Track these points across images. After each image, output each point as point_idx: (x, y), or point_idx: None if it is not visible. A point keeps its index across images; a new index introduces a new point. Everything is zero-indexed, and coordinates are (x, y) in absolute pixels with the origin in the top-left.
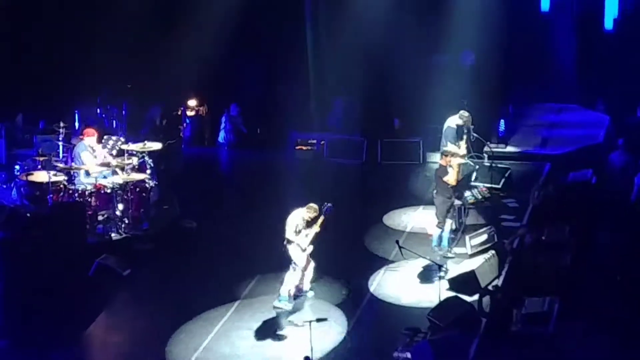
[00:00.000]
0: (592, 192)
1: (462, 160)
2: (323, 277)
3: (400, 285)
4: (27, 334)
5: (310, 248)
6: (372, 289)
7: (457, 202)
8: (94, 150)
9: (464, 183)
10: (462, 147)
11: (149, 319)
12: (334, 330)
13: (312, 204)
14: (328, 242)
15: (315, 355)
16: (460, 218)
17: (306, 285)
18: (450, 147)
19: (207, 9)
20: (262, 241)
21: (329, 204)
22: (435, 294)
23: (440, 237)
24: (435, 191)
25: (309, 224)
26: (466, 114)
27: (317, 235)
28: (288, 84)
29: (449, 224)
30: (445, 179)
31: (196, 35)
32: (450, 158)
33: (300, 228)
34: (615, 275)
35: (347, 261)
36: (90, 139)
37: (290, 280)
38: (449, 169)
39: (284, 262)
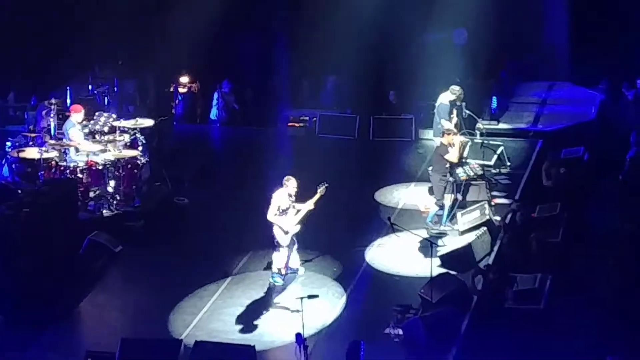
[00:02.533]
0: (584, 168)
1: (464, 138)
2: (315, 253)
3: (392, 261)
4: (18, 310)
5: (297, 228)
6: (365, 263)
7: (452, 179)
8: (84, 127)
9: (461, 161)
10: (452, 122)
11: (141, 295)
12: (325, 306)
13: (289, 177)
14: (320, 218)
15: (307, 331)
16: (455, 195)
17: (295, 263)
18: (444, 123)
19: None
20: (253, 218)
21: (326, 184)
22: (426, 270)
23: (437, 214)
24: (431, 168)
25: (294, 199)
26: (457, 88)
27: (308, 213)
28: (280, 60)
29: (449, 199)
30: (446, 157)
31: (188, 11)
32: (453, 136)
33: (284, 207)
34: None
35: (339, 238)
36: (77, 115)
37: (277, 259)
38: (450, 148)
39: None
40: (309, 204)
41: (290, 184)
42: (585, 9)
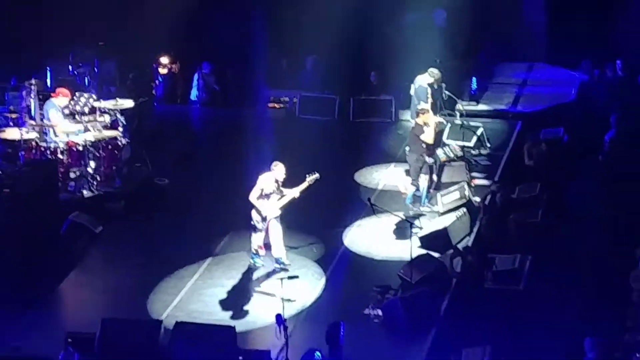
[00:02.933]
0: (564, 149)
1: (440, 119)
2: (296, 234)
3: (372, 242)
4: None
5: (276, 213)
6: (344, 245)
7: (430, 160)
8: (66, 113)
9: (438, 141)
10: (429, 105)
11: (121, 276)
12: (305, 287)
13: (277, 162)
14: (300, 199)
15: (287, 312)
16: (433, 176)
17: (278, 252)
18: (423, 105)
19: None
20: (234, 199)
21: (316, 174)
22: (406, 251)
23: (415, 195)
24: (408, 149)
25: (280, 185)
26: (436, 71)
27: (293, 200)
28: (260, 41)
29: (424, 180)
30: (422, 137)
31: None
32: (428, 116)
33: (268, 191)
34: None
35: (319, 218)
36: (62, 99)
37: (254, 239)
38: (426, 128)
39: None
40: (294, 192)
41: (278, 170)
42: None
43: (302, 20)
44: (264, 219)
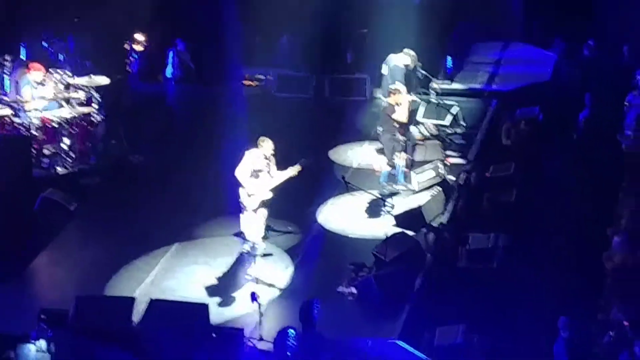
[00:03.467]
0: (539, 128)
1: (412, 97)
2: (271, 212)
3: (347, 219)
4: None
5: (267, 195)
6: (318, 222)
7: (402, 138)
8: (39, 85)
9: (411, 119)
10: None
11: (95, 253)
12: (280, 265)
13: (264, 137)
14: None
15: (261, 290)
16: (408, 154)
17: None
18: (398, 85)
19: None
20: (209, 177)
21: (309, 161)
22: (381, 229)
23: (390, 174)
24: (380, 129)
25: (270, 162)
26: (412, 51)
27: (283, 183)
28: (235, 18)
29: (401, 159)
30: (394, 116)
31: None
32: (399, 95)
33: (257, 169)
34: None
35: (292, 197)
36: (36, 73)
37: (242, 222)
38: (397, 107)
39: (232, 200)
40: (287, 173)
41: (266, 145)
42: None
43: None
44: (250, 195)
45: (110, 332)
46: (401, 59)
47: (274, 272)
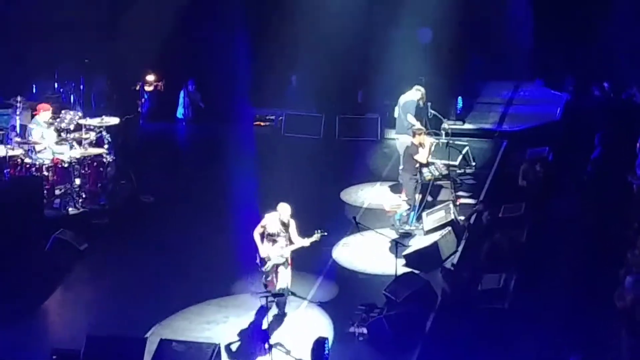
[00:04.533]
0: (549, 168)
1: (435, 140)
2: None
3: (357, 260)
4: None
5: (279, 260)
6: (329, 264)
7: (418, 178)
8: (49, 125)
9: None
10: (414, 122)
11: (106, 293)
12: (291, 304)
13: (282, 203)
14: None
15: (271, 328)
16: (423, 194)
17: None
18: (411, 119)
19: None
20: (220, 216)
21: (324, 233)
22: (391, 269)
23: (404, 214)
24: (401, 167)
25: (286, 228)
26: (421, 88)
27: (298, 250)
28: (245, 59)
29: (418, 199)
30: (416, 157)
31: (154, 9)
32: (425, 136)
33: (272, 232)
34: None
35: (305, 236)
36: (45, 114)
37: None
38: (420, 148)
39: (239, 239)
40: (302, 242)
41: (282, 210)
42: (549, 7)
43: (288, 39)
44: (262, 261)
45: None
46: (412, 95)
47: (286, 309)
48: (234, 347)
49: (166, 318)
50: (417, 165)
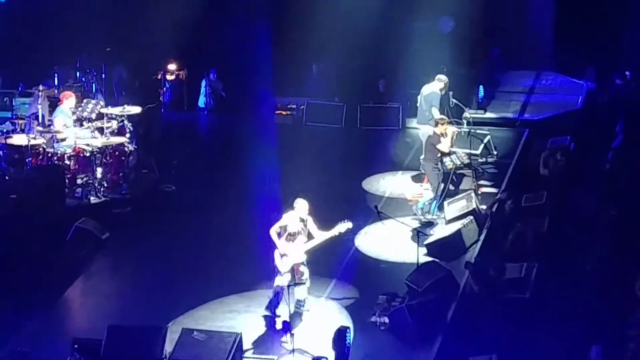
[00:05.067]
0: (570, 157)
1: (457, 129)
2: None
3: (379, 249)
4: (4, 297)
5: (300, 258)
6: (350, 252)
7: (440, 167)
8: (73, 113)
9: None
10: (437, 115)
11: (127, 282)
12: (314, 293)
13: (299, 199)
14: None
15: (293, 318)
16: (445, 184)
17: (301, 295)
18: (434, 112)
19: None
20: (242, 205)
21: (349, 224)
22: (413, 258)
23: (427, 203)
24: (423, 157)
25: (305, 225)
26: (443, 77)
27: (320, 244)
28: (267, 47)
29: (440, 188)
30: (438, 146)
31: None
32: (447, 126)
33: (292, 231)
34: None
35: (325, 226)
36: (68, 102)
37: (278, 282)
38: (442, 138)
39: (261, 229)
40: (324, 236)
41: (300, 207)
42: None
43: (309, 28)
44: (283, 257)
45: None
46: (435, 85)
47: (307, 299)
48: (255, 336)
49: (187, 307)
50: (439, 154)
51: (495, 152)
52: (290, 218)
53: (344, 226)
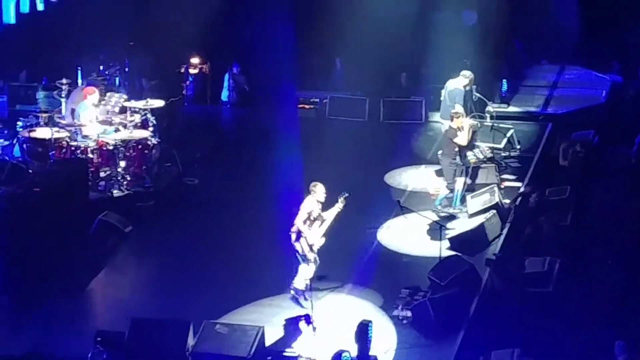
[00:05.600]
0: (592, 150)
1: (473, 122)
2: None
3: (401, 243)
4: (28, 290)
5: (322, 241)
6: (373, 246)
7: (459, 162)
8: (97, 107)
9: (470, 144)
10: (461, 112)
11: (151, 275)
12: (334, 287)
13: (315, 182)
14: (330, 201)
15: (315, 312)
16: (465, 178)
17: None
18: (459, 109)
19: None
20: (264, 199)
21: (346, 194)
22: (435, 252)
23: (447, 197)
24: (440, 152)
25: (320, 208)
26: (468, 73)
27: (330, 226)
28: (291, 42)
29: (460, 182)
30: (455, 140)
31: None
32: (462, 119)
33: (315, 216)
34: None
35: (348, 220)
36: (92, 96)
37: (304, 273)
38: (459, 132)
39: (283, 222)
40: (332, 213)
41: (318, 190)
42: None
43: (333, 22)
44: (311, 246)
45: (165, 355)
46: (459, 82)
47: (329, 293)
48: (278, 330)
49: (210, 301)
50: (457, 149)
51: (518, 146)
52: (311, 204)
53: (341, 199)
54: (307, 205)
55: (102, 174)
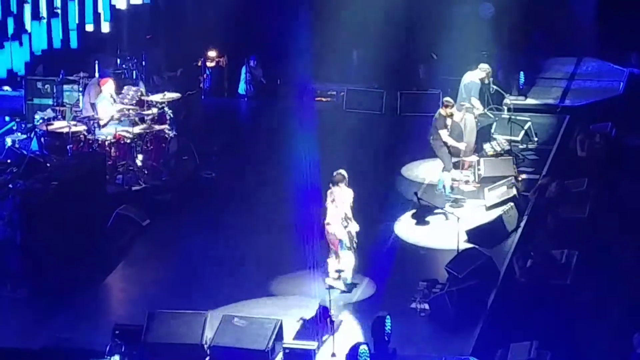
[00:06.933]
0: (609, 141)
1: (462, 115)
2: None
3: (418, 236)
4: (45, 283)
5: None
6: (390, 239)
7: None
8: (114, 101)
9: (486, 134)
10: (478, 105)
11: (168, 269)
12: (353, 280)
13: (341, 170)
14: None
15: (333, 305)
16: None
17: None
18: (474, 102)
19: None
20: (281, 192)
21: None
22: (453, 244)
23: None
24: (432, 137)
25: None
26: (486, 66)
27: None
28: (308, 34)
29: (448, 176)
30: (440, 131)
31: None
32: (452, 110)
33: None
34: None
35: (365, 213)
36: (107, 86)
37: (349, 262)
38: (448, 119)
39: (300, 215)
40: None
41: (343, 178)
42: None
43: (349, 14)
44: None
45: (182, 348)
46: (476, 75)
47: (347, 286)
48: (295, 323)
49: (227, 294)
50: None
51: (535, 139)
52: (342, 193)
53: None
54: (337, 196)
55: (119, 168)
